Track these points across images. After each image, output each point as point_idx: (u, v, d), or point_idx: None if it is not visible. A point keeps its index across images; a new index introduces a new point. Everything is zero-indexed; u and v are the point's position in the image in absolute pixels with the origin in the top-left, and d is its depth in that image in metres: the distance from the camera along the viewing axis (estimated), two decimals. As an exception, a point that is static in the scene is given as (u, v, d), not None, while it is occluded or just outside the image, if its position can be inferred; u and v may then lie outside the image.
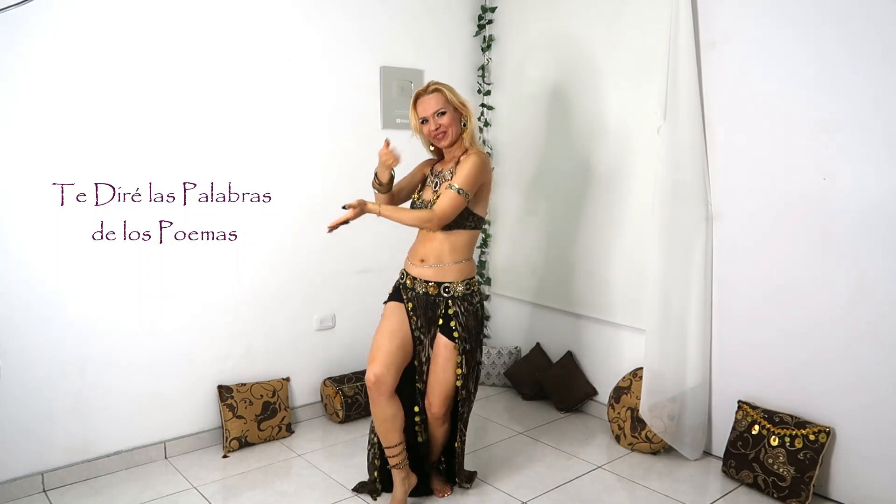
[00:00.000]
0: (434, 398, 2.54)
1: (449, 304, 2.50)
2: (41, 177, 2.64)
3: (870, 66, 2.37)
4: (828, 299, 2.57)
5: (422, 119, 2.51)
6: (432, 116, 2.48)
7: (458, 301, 2.50)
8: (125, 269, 2.85)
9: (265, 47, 3.13)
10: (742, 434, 2.77)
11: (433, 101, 2.47)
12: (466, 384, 2.54)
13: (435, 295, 2.50)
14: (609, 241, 3.38)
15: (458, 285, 2.51)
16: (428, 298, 2.51)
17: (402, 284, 2.58)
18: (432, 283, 2.50)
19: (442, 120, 2.48)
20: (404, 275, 2.59)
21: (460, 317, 2.50)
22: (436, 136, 2.50)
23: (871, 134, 2.39)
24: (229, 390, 3.14)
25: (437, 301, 2.51)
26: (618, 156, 3.28)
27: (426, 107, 2.48)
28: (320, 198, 3.40)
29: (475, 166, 2.44)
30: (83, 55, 2.66)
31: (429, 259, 2.51)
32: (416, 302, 2.53)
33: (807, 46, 2.53)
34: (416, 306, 2.53)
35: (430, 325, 2.53)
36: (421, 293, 2.52)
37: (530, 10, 3.68)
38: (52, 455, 2.76)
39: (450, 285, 2.50)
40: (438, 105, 2.47)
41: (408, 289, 2.56)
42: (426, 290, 2.51)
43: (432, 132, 2.50)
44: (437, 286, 2.50)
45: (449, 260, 2.50)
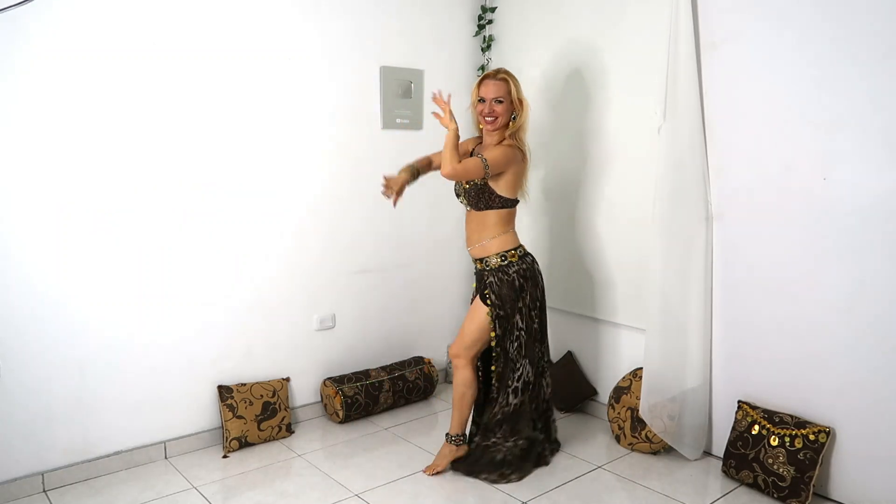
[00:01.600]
0: (457, 339, 2.87)
1: (486, 276, 2.81)
2: (41, 176, 2.63)
3: (869, 66, 2.37)
4: (828, 299, 2.57)
5: (480, 98, 2.75)
6: (490, 100, 2.72)
7: (494, 272, 2.80)
8: (125, 270, 2.85)
9: (265, 48, 3.13)
10: (742, 434, 2.77)
11: (497, 87, 2.72)
12: (501, 343, 2.81)
13: (481, 269, 2.85)
14: (609, 242, 3.38)
15: (493, 258, 2.81)
16: (480, 273, 2.86)
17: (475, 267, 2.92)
18: (478, 260, 2.85)
19: (497, 107, 2.72)
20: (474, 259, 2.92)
21: (494, 286, 2.79)
22: (486, 116, 2.74)
23: (871, 134, 2.39)
24: (229, 390, 3.14)
25: (483, 273, 2.84)
26: (618, 155, 3.29)
27: (489, 90, 2.72)
28: (320, 198, 3.40)
29: (505, 152, 2.73)
30: (83, 55, 2.66)
31: (471, 240, 2.86)
32: (477, 276, 2.89)
33: (807, 47, 2.53)
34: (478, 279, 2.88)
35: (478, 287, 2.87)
36: (476, 271, 2.89)
37: (530, 10, 3.68)
38: (52, 455, 2.76)
39: (487, 259, 2.82)
40: (500, 92, 2.72)
41: (476, 270, 2.90)
42: (478, 267, 2.87)
43: (484, 112, 2.74)
44: (481, 261, 2.84)
45: (485, 237, 2.81)
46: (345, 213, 3.49)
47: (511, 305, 2.79)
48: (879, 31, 2.33)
